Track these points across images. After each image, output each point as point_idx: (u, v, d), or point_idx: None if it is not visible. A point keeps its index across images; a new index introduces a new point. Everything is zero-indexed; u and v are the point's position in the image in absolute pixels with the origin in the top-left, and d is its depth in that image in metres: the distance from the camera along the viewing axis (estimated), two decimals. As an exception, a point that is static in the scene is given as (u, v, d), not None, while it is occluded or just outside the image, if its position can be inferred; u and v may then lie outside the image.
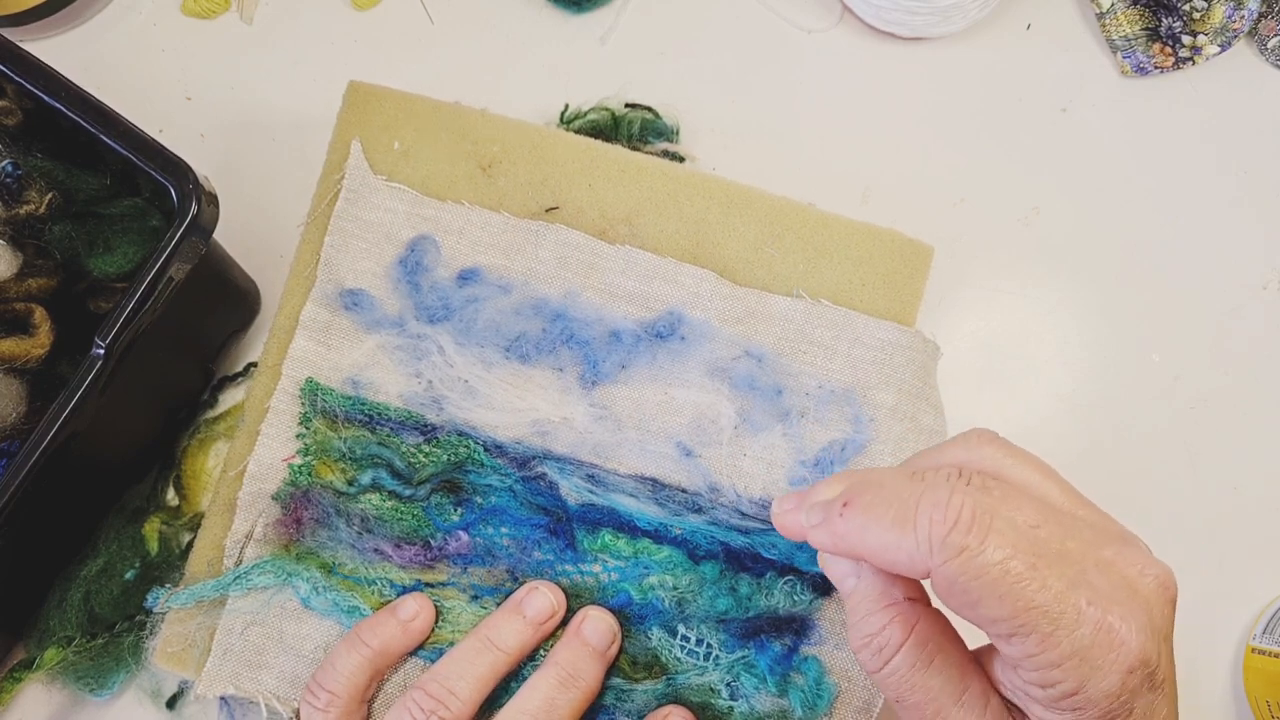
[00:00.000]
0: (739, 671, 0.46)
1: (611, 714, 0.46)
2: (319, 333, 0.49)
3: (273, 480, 0.48)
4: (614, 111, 0.58)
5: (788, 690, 0.46)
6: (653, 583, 0.47)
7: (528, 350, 0.49)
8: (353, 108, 0.51)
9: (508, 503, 0.48)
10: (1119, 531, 0.36)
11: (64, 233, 0.47)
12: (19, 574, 0.49)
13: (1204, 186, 0.59)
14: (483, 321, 0.49)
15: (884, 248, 0.50)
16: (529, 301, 0.49)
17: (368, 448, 0.48)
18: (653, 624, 0.47)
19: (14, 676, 0.49)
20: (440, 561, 0.47)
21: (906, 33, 0.60)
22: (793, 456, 0.48)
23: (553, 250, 0.50)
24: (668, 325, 0.49)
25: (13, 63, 0.46)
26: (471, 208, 0.50)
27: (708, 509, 0.47)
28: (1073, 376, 0.57)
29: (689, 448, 0.48)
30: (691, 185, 0.51)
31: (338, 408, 0.48)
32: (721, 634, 0.46)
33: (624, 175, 0.51)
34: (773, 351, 0.49)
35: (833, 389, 0.49)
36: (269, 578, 0.46)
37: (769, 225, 0.50)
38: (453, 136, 0.51)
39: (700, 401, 0.48)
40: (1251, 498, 0.55)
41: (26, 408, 0.46)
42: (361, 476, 0.48)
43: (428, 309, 0.49)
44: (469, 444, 0.48)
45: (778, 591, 0.47)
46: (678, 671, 0.46)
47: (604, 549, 0.47)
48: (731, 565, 0.47)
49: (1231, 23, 0.58)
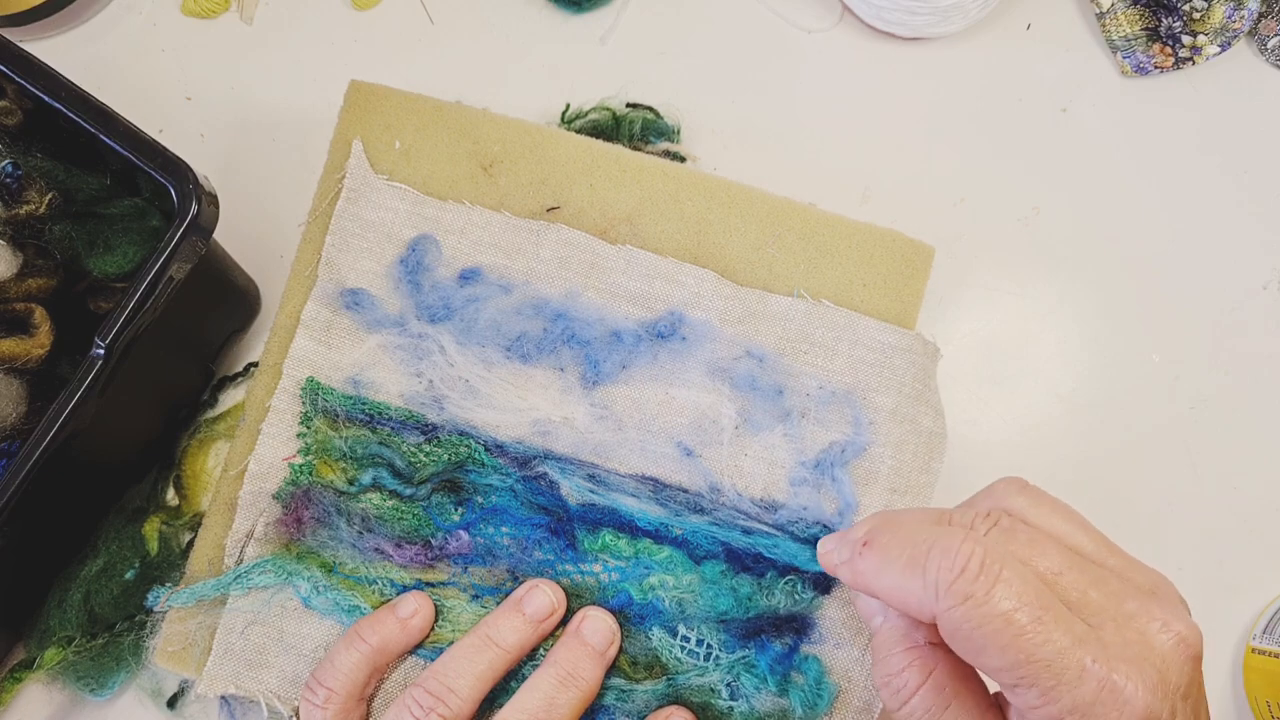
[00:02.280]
0: (739, 671, 0.46)
1: (612, 714, 0.46)
2: (320, 332, 0.49)
3: (273, 479, 0.48)
4: (615, 111, 0.58)
5: (788, 690, 0.46)
6: (653, 583, 0.47)
7: (529, 350, 0.49)
8: (354, 107, 0.51)
9: (508, 502, 0.48)
10: (1149, 583, 0.35)
11: (64, 233, 0.47)
12: (19, 574, 0.49)
13: (1204, 186, 0.59)
14: (484, 321, 0.49)
15: (885, 248, 0.50)
16: (530, 301, 0.49)
17: (368, 447, 0.48)
18: (653, 624, 0.47)
19: (14, 676, 0.49)
20: (441, 561, 0.47)
21: (906, 33, 0.60)
22: (794, 457, 0.48)
23: (554, 250, 0.50)
24: (669, 325, 0.49)
25: (13, 63, 0.46)
26: (472, 207, 0.50)
27: (709, 509, 0.47)
28: (1073, 376, 0.57)
29: (690, 447, 0.48)
30: (693, 185, 0.51)
31: (339, 407, 0.48)
32: (722, 634, 0.46)
33: (625, 175, 0.51)
34: (774, 352, 0.49)
35: (834, 390, 0.49)
36: (269, 577, 0.46)
37: (770, 225, 0.50)
38: (454, 136, 0.51)
39: (701, 401, 0.48)
40: (1251, 498, 0.55)
41: (26, 408, 0.46)
42: (362, 476, 0.48)
43: (429, 308, 0.49)
44: (470, 443, 0.48)
45: (779, 591, 0.47)
46: (678, 672, 0.46)
47: (604, 549, 0.47)
48: (732, 565, 0.47)
49: (1231, 23, 0.58)
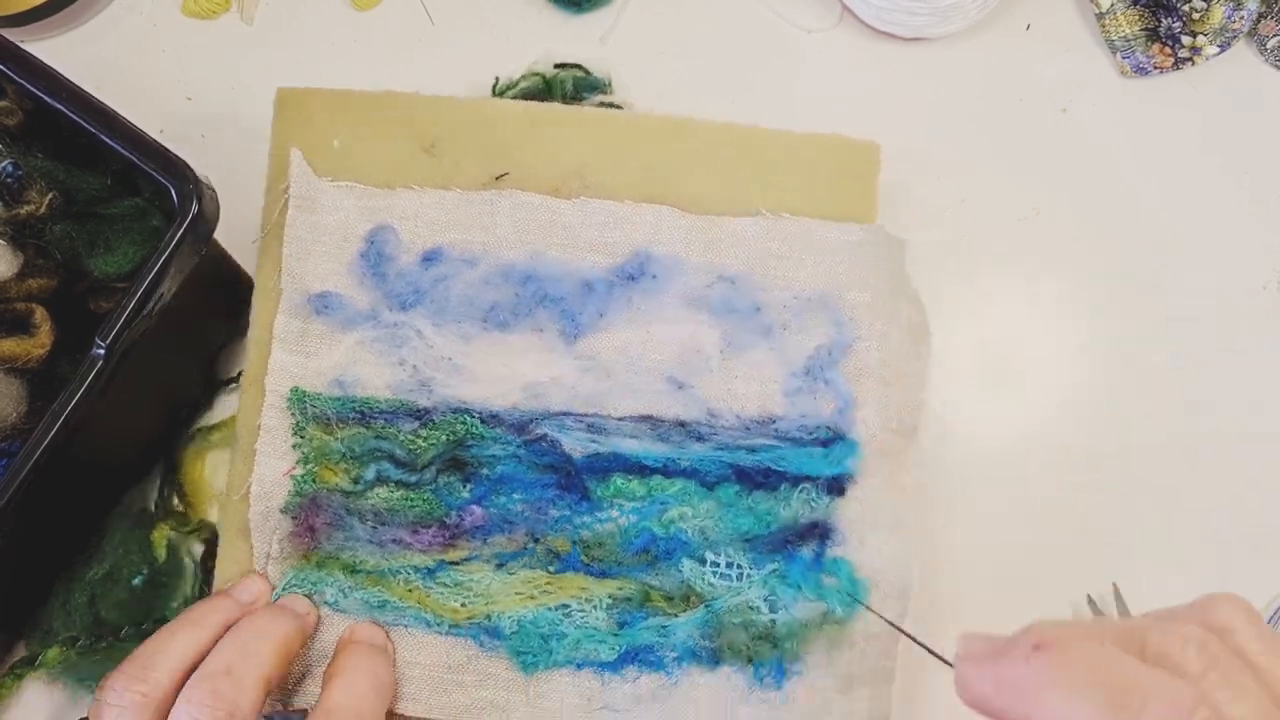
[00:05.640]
0: (773, 584, 0.47)
1: (658, 652, 0.46)
2: (295, 342, 0.49)
3: (278, 495, 0.47)
4: (545, 75, 0.58)
5: (824, 593, 0.47)
6: (673, 516, 0.47)
7: (504, 317, 0.49)
8: (285, 114, 0.51)
9: (514, 469, 0.48)
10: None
11: (64, 233, 0.46)
12: (20, 573, 0.49)
13: (1204, 187, 0.59)
14: (455, 298, 0.49)
15: (831, 153, 0.51)
16: (496, 270, 0.49)
17: (366, 443, 0.48)
18: (681, 556, 0.47)
19: (15, 673, 0.49)
20: (459, 538, 0.47)
21: (906, 33, 0.60)
22: (783, 369, 0.49)
23: (510, 216, 0.50)
24: (637, 266, 0.49)
25: (13, 63, 0.45)
26: (422, 190, 0.50)
27: (709, 436, 0.48)
28: (1072, 377, 0.57)
29: (680, 380, 0.49)
30: (635, 127, 0.51)
31: (328, 411, 0.48)
32: (749, 552, 0.47)
33: (566, 130, 0.51)
34: (744, 272, 0.50)
35: (809, 297, 0.49)
36: (297, 591, 0.46)
37: (716, 151, 0.51)
38: (390, 124, 0.51)
39: (683, 333, 0.49)
40: (1251, 498, 0.55)
41: (27, 408, 0.45)
42: (365, 473, 0.48)
43: (398, 296, 0.49)
44: (465, 420, 0.48)
45: (795, 501, 0.47)
46: (714, 597, 0.47)
47: (617, 494, 0.47)
48: (745, 485, 0.48)
49: (1231, 23, 0.58)
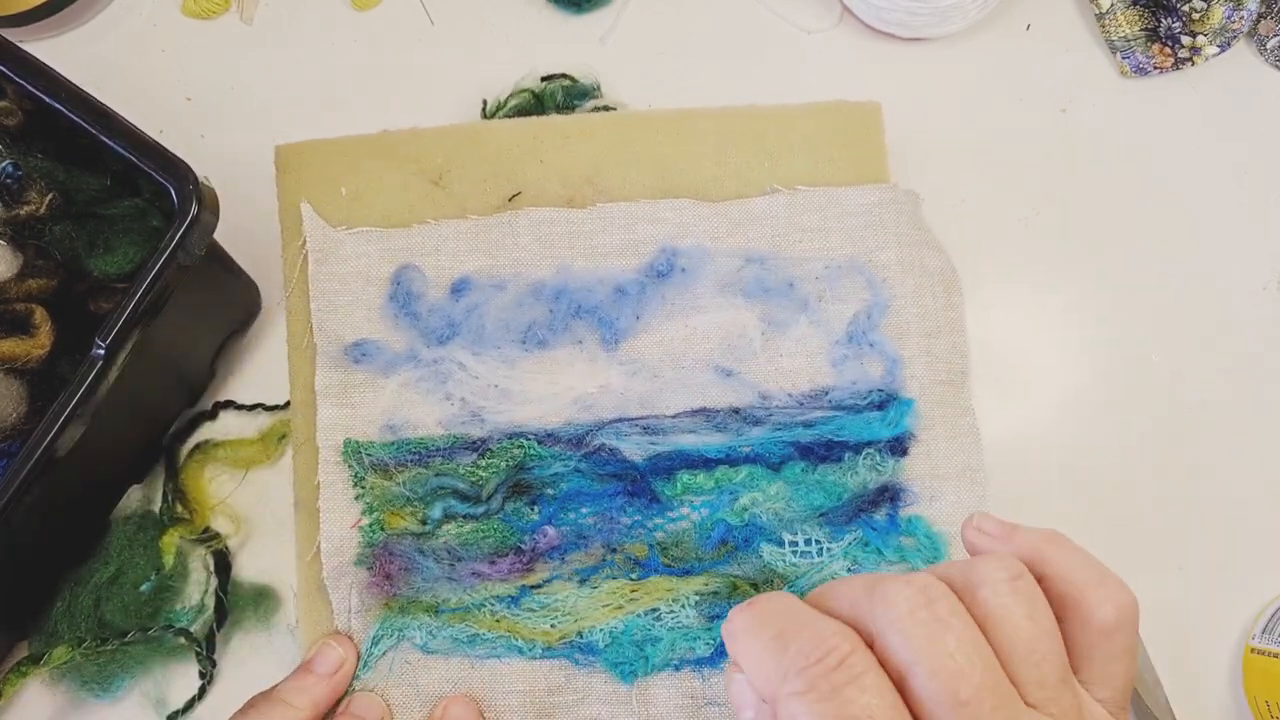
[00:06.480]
0: (855, 554, 0.47)
1: None
2: (338, 395, 0.49)
3: (349, 549, 0.47)
4: (533, 89, 0.58)
5: (904, 554, 0.47)
6: (744, 504, 0.47)
7: (543, 335, 0.49)
8: (288, 170, 0.50)
9: (579, 484, 0.48)
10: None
11: (64, 233, 0.46)
12: (20, 573, 0.49)
13: (1204, 187, 0.59)
14: (490, 324, 0.49)
15: (834, 119, 0.51)
16: (526, 290, 0.49)
17: (427, 483, 0.48)
18: (759, 542, 0.47)
19: (19, 670, 0.49)
20: (537, 561, 0.47)
21: (906, 33, 0.60)
22: (826, 340, 0.49)
23: (530, 234, 0.50)
24: (665, 263, 0.49)
25: (13, 63, 0.45)
26: (438, 223, 0.50)
27: (765, 418, 0.48)
28: (1073, 376, 0.57)
29: (727, 368, 0.49)
30: (638, 126, 0.51)
31: (384, 457, 0.48)
32: (825, 527, 0.47)
33: (570, 140, 0.51)
34: (770, 251, 0.50)
35: (839, 265, 0.49)
36: (386, 642, 0.46)
37: (722, 136, 0.51)
38: (394, 163, 0.50)
39: (723, 321, 0.49)
40: (1251, 498, 0.55)
41: (27, 408, 0.45)
42: (431, 512, 0.47)
43: (434, 332, 0.49)
44: (522, 443, 0.48)
45: (860, 468, 0.48)
46: (798, 576, 0.47)
47: (686, 490, 0.47)
48: (809, 461, 0.48)
49: (1231, 23, 0.58)
